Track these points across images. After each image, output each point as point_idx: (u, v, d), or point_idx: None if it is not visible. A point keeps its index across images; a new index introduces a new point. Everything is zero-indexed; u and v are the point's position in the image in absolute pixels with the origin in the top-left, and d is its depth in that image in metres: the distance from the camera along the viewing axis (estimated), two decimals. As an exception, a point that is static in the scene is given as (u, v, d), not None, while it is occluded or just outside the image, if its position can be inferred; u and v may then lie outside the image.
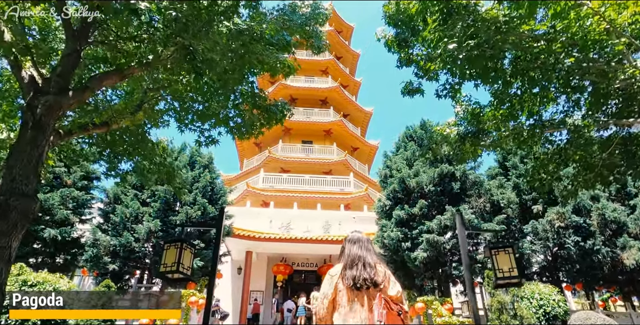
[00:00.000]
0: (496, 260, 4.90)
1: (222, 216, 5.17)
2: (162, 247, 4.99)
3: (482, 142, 7.44)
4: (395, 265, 15.85)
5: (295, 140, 32.34)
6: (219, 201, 17.37)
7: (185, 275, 4.83)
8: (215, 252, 4.95)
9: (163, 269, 4.81)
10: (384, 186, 17.51)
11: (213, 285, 4.61)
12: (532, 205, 16.41)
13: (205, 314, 4.49)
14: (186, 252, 4.94)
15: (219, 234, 5.05)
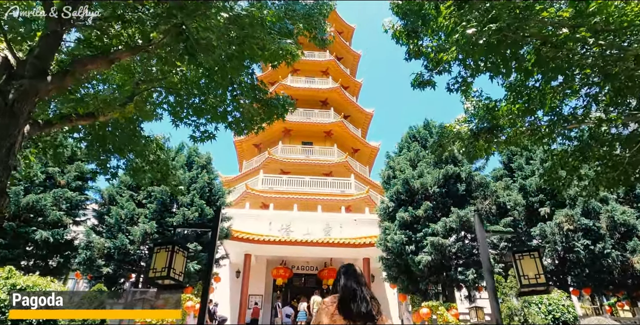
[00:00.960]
0: (520, 266, 4.43)
1: (218, 217, 4.71)
2: (152, 250, 4.51)
3: (496, 139, 6.97)
4: (399, 269, 15.38)
5: (295, 142, 31.90)
6: (217, 202, 16.89)
7: (177, 282, 4.35)
8: (210, 256, 4.48)
9: (152, 275, 4.34)
10: (386, 188, 17.04)
11: (208, 289, 4.16)
12: (539, 208, 15.94)
13: (199, 318, 4.02)
14: (178, 255, 4.46)
15: (215, 236, 4.58)
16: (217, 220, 4.76)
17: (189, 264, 14.44)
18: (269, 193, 26.42)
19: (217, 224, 4.74)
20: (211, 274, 4.44)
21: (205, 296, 4.34)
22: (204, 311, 4.26)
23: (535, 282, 4.30)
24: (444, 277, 14.37)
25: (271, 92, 7.02)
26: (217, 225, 4.73)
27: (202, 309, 4.29)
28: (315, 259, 21.36)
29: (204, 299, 4.32)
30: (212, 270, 4.45)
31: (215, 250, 4.54)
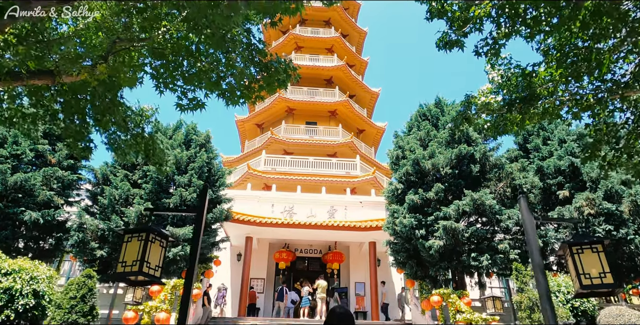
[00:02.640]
0: (579, 261, 3.55)
1: (204, 198, 3.83)
2: (122, 238, 3.65)
3: (533, 109, 6.01)
4: (407, 254, 14.60)
5: (299, 121, 30.93)
6: (216, 183, 16.05)
7: (151, 278, 3.50)
8: (195, 242, 3.64)
9: (121, 269, 3.48)
10: (395, 169, 16.12)
11: (192, 279, 3.39)
12: (557, 191, 15.03)
13: (181, 309, 3.20)
14: (154, 245, 3.61)
15: (200, 220, 3.72)
16: (203, 201, 3.89)
17: (186, 247, 13.69)
18: (271, 174, 25.59)
19: (203, 206, 3.86)
20: (195, 263, 3.62)
21: (188, 287, 3.49)
22: (186, 304, 3.42)
23: (600, 282, 3.43)
24: (456, 263, 13.57)
25: (272, 54, 6.02)
26: (204, 208, 3.85)
27: (184, 302, 3.45)
28: (319, 242, 20.63)
29: (186, 290, 3.48)
30: (196, 260, 3.63)
31: (200, 236, 3.70)
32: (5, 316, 10.24)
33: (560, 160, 15.39)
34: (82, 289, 10.06)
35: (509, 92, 6.51)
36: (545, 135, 17.09)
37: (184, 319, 3.39)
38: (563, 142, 16.27)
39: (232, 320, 15.70)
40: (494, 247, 13.24)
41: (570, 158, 15.06)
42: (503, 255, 12.89)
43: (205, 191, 3.95)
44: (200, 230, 3.76)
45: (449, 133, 15.41)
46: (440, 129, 16.39)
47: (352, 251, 20.82)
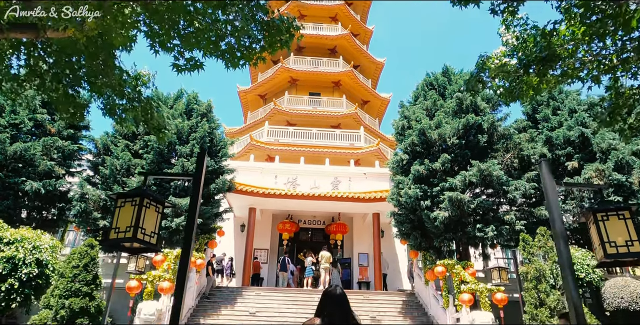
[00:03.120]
0: (604, 229, 3.32)
1: (202, 163, 3.58)
2: (115, 203, 3.42)
3: (552, 71, 5.65)
4: (412, 225, 14.48)
5: (302, 92, 30.39)
6: (218, 153, 15.84)
7: (147, 245, 3.28)
8: (192, 210, 3.41)
9: (114, 235, 3.27)
10: (400, 139, 15.80)
11: (190, 249, 3.17)
12: (566, 161, 14.73)
13: (178, 287, 3.01)
14: (149, 211, 3.38)
15: (198, 188, 3.48)
16: (200, 167, 3.63)
17: (189, 217, 13.58)
18: (274, 145, 25.32)
19: (200, 172, 3.61)
20: (192, 232, 3.39)
21: (185, 262, 3.29)
22: (183, 280, 3.23)
23: (627, 250, 3.20)
24: (461, 234, 13.45)
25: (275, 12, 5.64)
26: (201, 174, 3.60)
27: (180, 278, 3.26)
28: (323, 213, 20.57)
29: (183, 265, 3.28)
30: (193, 230, 3.39)
31: (197, 204, 3.46)
32: (9, 284, 10.26)
33: (570, 130, 15.03)
34: (84, 259, 10.01)
35: (525, 54, 6.13)
36: (555, 105, 16.65)
37: (181, 288, 3.19)
38: (573, 112, 15.85)
39: (237, 290, 15.82)
40: (500, 218, 13.08)
41: (581, 128, 14.69)
42: (509, 227, 12.74)
43: (202, 156, 3.70)
44: (197, 197, 3.53)
45: (456, 102, 15.01)
46: (447, 98, 15.96)
47: (355, 222, 20.79)
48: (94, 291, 9.93)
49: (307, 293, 15.80)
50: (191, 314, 13.41)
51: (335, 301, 2.86)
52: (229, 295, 15.20)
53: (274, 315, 13.69)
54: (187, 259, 3.30)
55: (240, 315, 13.65)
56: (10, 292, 10.30)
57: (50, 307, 9.40)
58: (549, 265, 10.29)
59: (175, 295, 3.14)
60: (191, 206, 3.52)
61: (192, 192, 3.57)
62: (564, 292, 8.20)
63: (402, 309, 14.86)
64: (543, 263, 10.28)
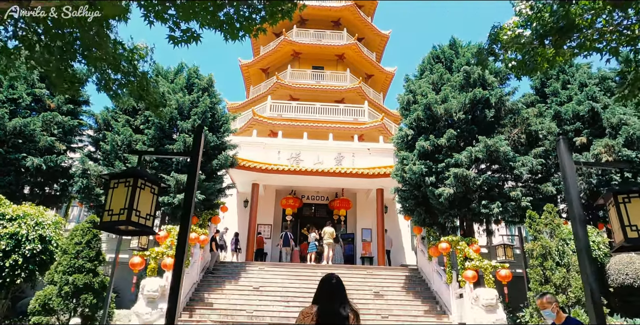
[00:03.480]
0: (625, 211, 3.12)
1: (199, 139, 3.39)
2: (107, 184, 3.25)
3: (569, 42, 5.34)
4: (416, 201, 14.36)
5: (305, 66, 29.83)
6: (220, 129, 15.61)
7: (141, 228, 3.13)
8: (190, 188, 3.25)
9: (107, 218, 3.10)
10: (405, 114, 15.48)
11: (188, 226, 3.06)
12: (574, 137, 14.43)
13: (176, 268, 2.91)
14: (144, 192, 3.20)
15: (195, 165, 3.31)
16: (198, 143, 3.44)
17: (191, 193, 13.48)
18: (277, 120, 25.04)
19: (198, 149, 3.42)
20: (190, 209, 3.25)
21: (183, 241, 3.14)
22: (181, 261, 3.10)
23: (649, 235, 3.02)
24: (466, 211, 13.32)
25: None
26: (199, 151, 3.41)
27: (178, 259, 3.12)
28: (326, 189, 20.49)
29: (180, 245, 3.14)
30: (191, 207, 3.25)
31: (195, 182, 3.30)
32: (13, 260, 10.27)
33: (579, 105, 14.66)
34: (87, 235, 9.98)
35: (541, 24, 5.80)
36: (564, 79, 16.19)
37: (180, 265, 3.05)
38: (584, 86, 15.41)
39: (241, 265, 15.91)
40: (506, 195, 12.91)
41: (591, 103, 14.32)
42: (515, 203, 12.58)
43: (200, 132, 3.49)
44: (195, 176, 3.34)
45: (463, 76, 14.61)
46: (454, 72, 15.53)
47: (359, 198, 20.72)
48: (98, 267, 9.94)
49: (311, 268, 15.89)
50: (195, 288, 13.53)
51: (331, 289, 2.93)
52: (233, 270, 15.30)
53: (278, 290, 13.79)
54: (185, 239, 3.15)
55: (244, 290, 13.76)
56: (14, 268, 10.33)
57: (54, 283, 9.43)
58: (555, 242, 10.18)
59: (174, 275, 3.01)
60: (188, 185, 3.35)
61: (189, 170, 3.39)
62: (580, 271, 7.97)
63: (405, 284, 14.94)
64: (549, 240, 10.17)
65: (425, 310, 13.05)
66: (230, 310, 12.44)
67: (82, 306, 9.28)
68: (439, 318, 12.49)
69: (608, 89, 15.10)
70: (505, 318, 9.06)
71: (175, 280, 3.02)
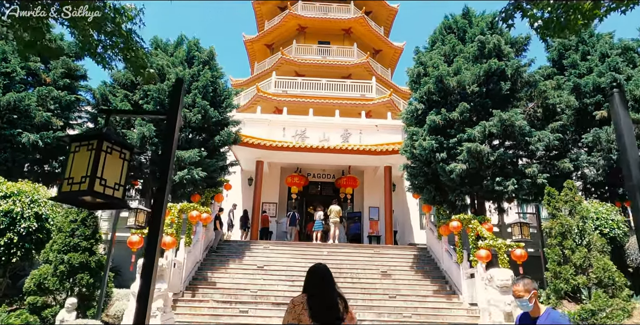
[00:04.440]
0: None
1: (178, 95, 2.82)
2: (69, 148, 2.72)
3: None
4: (426, 179, 13.80)
5: (311, 41, 28.92)
6: (222, 104, 15.03)
7: (108, 200, 2.60)
8: (166, 160, 2.70)
9: (67, 188, 2.58)
10: (415, 88, 14.75)
11: (163, 205, 2.49)
12: (594, 111, 13.69)
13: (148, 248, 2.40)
14: (111, 158, 2.67)
15: (173, 128, 2.75)
16: (176, 103, 2.87)
17: (192, 171, 13.03)
18: (282, 96, 24.36)
19: (176, 109, 2.86)
20: (167, 188, 2.68)
21: (157, 223, 2.62)
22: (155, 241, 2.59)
23: None
24: (478, 188, 12.76)
25: None
26: (177, 111, 2.85)
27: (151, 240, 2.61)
28: (333, 167, 19.95)
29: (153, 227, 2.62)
30: (167, 183, 2.69)
31: (172, 150, 2.75)
32: (8, 239, 9.93)
33: (600, 77, 13.85)
34: (82, 212, 9.58)
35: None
36: (584, 50, 15.32)
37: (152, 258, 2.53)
38: (605, 56, 14.55)
39: (245, 244, 15.57)
40: (521, 171, 12.30)
41: (613, 74, 13.51)
42: (530, 180, 11.98)
43: (179, 87, 2.92)
44: (173, 138, 2.79)
45: (477, 47, 13.80)
46: (467, 42, 14.71)
47: (366, 176, 20.19)
48: (94, 246, 9.56)
49: (316, 247, 15.52)
50: (199, 267, 13.22)
51: (320, 278, 2.93)
52: (237, 248, 14.97)
53: (283, 269, 13.44)
54: (158, 222, 2.62)
55: (248, 269, 13.43)
56: (10, 246, 10.00)
57: (49, 262, 9.08)
58: (575, 220, 9.62)
59: (143, 279, 2.49)
60: (164, 152, 2.80)
61: (166, 132, 2.84)
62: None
63: (413, 263, 14.54)
64: (569, 218, 9.60)
65: (435, 290, 12.66)
66: (233, 290, 12.13)
67: (79, 286, 8.93)
68: (449, 298, 12.10)
69: (631, 60, 14.26)
70: (520, 299, 8.59)
71: (146, 280, 2.49)
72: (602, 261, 8.81)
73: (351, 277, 13.18)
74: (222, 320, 10.46)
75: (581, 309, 8.23)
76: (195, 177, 13.05)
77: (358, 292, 12.28)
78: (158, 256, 2.66)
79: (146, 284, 2.54)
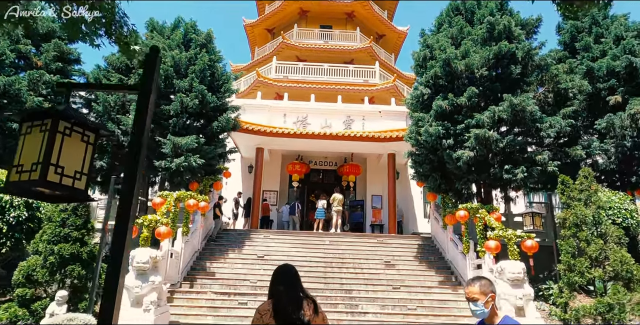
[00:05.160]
0: None
1: (152, 67, 2.33)
2: (19, 128, 2.24)
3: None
4: (432, 166, 13.32)
5: (313, 25, 28.18)
6: (221, 89, 14.50)
7: (66, 191, 2.14)
8: (138, 141, 2.23)
9: (15, 177, 2.12)
10: (420, 72, 14.16)
11: (132, 204, 2.02)
12: (607, 96, 13.14)
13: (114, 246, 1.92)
14: (71, 141, 2.22)
15: (146, 102, 2.28)
16: (150, 74, 2.39)
17: (190, 158, 12.57)
18: (283, 82, 23.76)
19: (150, 82, 2.38)
20: (137, 178, 2.20)
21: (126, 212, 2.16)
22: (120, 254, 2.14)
23: None
24: (485, 176, 12.28)
25: None
26: (151, 85, 2.37)
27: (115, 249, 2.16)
28: (335, 154, 19.47)
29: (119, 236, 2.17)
30: (138, 167, 2.22)
31: (145, 130, 2.30)
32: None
33: (615, 60, 13.26)
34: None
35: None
36: (598, 32, 14.68)
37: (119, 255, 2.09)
38: (620, 39, 13.91)
39: (245, 232, 15.20)
40: (531, 159, 11.80)
41: (629, 57, 12.91)
42: (540, 168, 11.49)
43: (154, 55, 2.43)
44: (145, 115, 2.32)
45: (486, 28, 13.18)
46: (475, 24, 14.08)
47: (369, 163, 19.71)
48: (86, 236, 9.16)
49: (318, 236, 15.15)
50: (197, 257, 12.87)
51: (285, 280, 2.81)
52: (236, 238, 14.61)
53: (283, 259, 13.03)
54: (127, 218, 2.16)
55: (248, 259, 13.08)
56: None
57: (39, 253, 8.69)
58: (591, 210, 9.16)
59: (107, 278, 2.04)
60: (136, 134, 2.33)
61: (138, 107, 2.37)
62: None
63: (417, 253, 14.16)
64: (584, 208, 9.14)
65: (440, 281, 12.29)
66: (233, 280, 11.79)
67: (70, 277, 8.56)
68: (455, 290, 11.72)
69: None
70: (532, 293, 8.21)
71: (113, 275, 2.05)
72: (620, 253, 8.38)
73: (354, 268, 12.82)
74: (220, 312, 10.11)
75: (598, 302, 7.83)
76: (192, 165, 12.60)
77: (361, 283, 11.92)
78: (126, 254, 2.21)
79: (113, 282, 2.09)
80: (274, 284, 2.82)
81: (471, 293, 2.57)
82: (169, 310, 8.99)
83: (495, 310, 2.55)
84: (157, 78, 2.49)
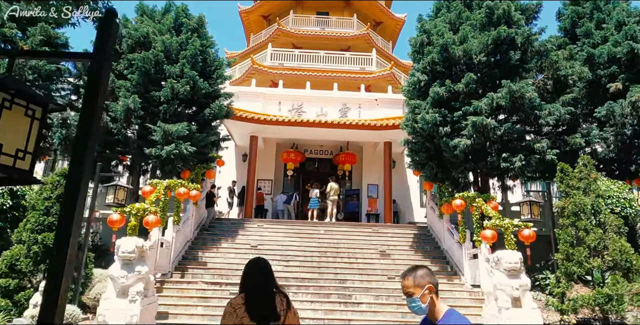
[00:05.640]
0: None
1: (107, 32, 2.03)
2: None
3: None
4: (428, 154, 13.07)
5: (309, 12, 27.67)
6: (213, 75, 14.16)
7: (8, 172, 1.87)
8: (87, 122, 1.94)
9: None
10: (418, 58, 13.83)
11: (78, 194, 1.70)
12: (608, 83, 12.85)
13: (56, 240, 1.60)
14: (11, 114, 1.93)
15: (100, 71, 1.97)
16: (104, 37, 2.10)
17: (181, 145, 12.27)
18: (278, 69, 23.34)
19: (104, 49, 2.09)
20: (85, 163, 1.92)
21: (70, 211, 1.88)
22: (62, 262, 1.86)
23: None
24: (483, 164, 12.05)
25: None
26: (106, 52, 2.09)
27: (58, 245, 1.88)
28: (330, 143, 19.18)
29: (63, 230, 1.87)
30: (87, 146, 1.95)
31: (99, 109, 1.99)
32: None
33: (616, 46, 12.95)
34: (57, 189, 8.86)
35: None
36: (599, 18, 14.32)
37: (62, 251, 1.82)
38: (622, 24, 13.57)
39: (238, 222, 14.98)
40: (529, 147, 11.56)
41: (630, 43, 12.60)
42: (539, 156, 11.25)
43: (110, 18, 2.15)
44: (98, 87, 2.03)
45: (485, 13, 12.85)
46: (474, 9, 13.75)
47: (365, 152, 19.45)
48: (71, 225, 8.88)
49: (312, 225, 14.95)
50: (189, 246, 12.66)
51: (258, 273, 2.78)
52: (230, 227, 14.39)
53: (277, 249, 12.88)
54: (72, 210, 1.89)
55: (241, 248, 12.87)
56: (-18, 224, 9.35)
57: (22, 243, 8.43)
58: (590, 199, 8.93)
59: (50, 283, 1.77)
60: (85, 111, 2.04)
61: (89, 79, 2.09)
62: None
63: (413, 242, 13.99)
64: (584, 197, 8.91)
65: (435, 270, 12.05)
66: (225, 270, 11.57)
67: (55, 267, 8.30)
68: (450, 279, 11.58)
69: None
70: (529, 283, 8.03)
71: (54, 275, 1.78)
72: (619, 243, 8.19)
73: (348, 257, 12.64)
74: (211, 302, 9.92)
75: (597, 293, 7.66)
76: (183, 152, 12.31)
77: (355, 273, 11.75)
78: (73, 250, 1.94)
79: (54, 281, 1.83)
80: (247, 278, 2.77)
81: (405, 287, 2.23)
82: (157, 301, 8.77)
83: (435, 303, 2.18)
84: (112, 43, 2.20)
